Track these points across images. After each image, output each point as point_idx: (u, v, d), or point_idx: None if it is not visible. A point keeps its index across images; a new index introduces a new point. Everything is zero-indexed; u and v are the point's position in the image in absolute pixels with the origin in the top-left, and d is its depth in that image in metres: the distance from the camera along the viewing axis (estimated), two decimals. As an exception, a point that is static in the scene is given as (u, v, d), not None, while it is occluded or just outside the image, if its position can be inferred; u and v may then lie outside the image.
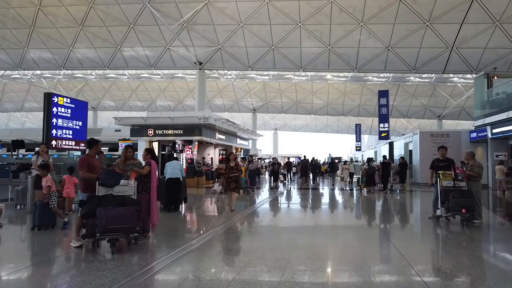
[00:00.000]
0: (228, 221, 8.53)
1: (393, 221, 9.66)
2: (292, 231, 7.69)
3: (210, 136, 20.13)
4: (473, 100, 36.56)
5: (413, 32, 20.64)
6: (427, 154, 19.83)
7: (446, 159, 8.88)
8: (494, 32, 19.86)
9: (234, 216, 9.25)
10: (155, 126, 19.08)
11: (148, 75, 36.48)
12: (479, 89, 20.17)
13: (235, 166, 10.31)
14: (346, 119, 53.06)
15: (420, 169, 20.73)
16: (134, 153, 6.58)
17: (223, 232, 7.29)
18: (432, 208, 8.85)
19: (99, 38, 23.95)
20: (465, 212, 7.62)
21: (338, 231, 7.95)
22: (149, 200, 6.44)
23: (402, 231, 8.27)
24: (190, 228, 8.45)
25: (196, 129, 18.73)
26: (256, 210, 11.05)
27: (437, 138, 20.62)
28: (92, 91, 42.95)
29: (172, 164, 10.51)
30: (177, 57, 24.73)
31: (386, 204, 13.15)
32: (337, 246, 6.27)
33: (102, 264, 4.89)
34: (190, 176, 18.42)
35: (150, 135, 18.89)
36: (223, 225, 8.01)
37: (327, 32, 21.54)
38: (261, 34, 22.26)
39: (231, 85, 37.87)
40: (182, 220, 9.48)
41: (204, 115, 17.84)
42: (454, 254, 5.59)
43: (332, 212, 11.11)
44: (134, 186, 6.08)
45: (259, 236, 7.20)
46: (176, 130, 18.84)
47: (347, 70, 24.52)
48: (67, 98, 11.41)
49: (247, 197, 14.37)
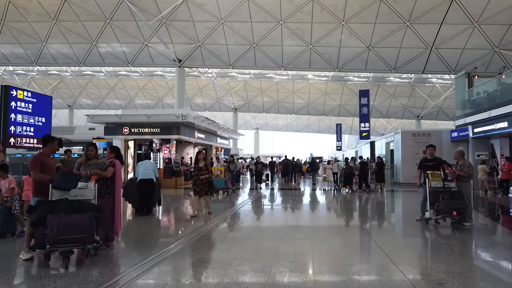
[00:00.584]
0: (204, 226, 7.94)
1: (381, 225, 9.25)
2: (274, 237, 7.03)
3: (189, 135, 19.61)
4: (451, 101, 37.45)
5: (394, 32, 20.69)
6: (409, 153, 20.17)
7: (434, 158, 8.48)
8: (473, 33, 20.09)
9: (211, 220, 8.61)
10: (131, 124, 18.49)
11: (126, 72, 35.63)
12: (459, 89, 20.23)
13: (205, 167, 9.15)
14: (327, 119, 53.32)
15: (402, 169, 20.73)
16: (97, 151, 6.01)
17: (198, 240, 6.64)
18: (420, 210, 8.48)
19: (73, 33, 23.05)
20: (456, 214, 7.30)
21: (322, 236, 7.33)
22: (113, 205, 5.78)
23: (391, 236, 7.77)
24: (161, 235, 7.55)
25: (174, 128, 18.22)
26: (236, 213, 10.44)
27: (418, 137, 20.65)
28: (67, 88, 41.69)
29: (145, 164, 9.71)
30: (156, 54, 24.08)
31: (371, 205, 12.86)
32: (322, 255, 5.70)
33: (52, 281, 4.21)
34: (168, 177, 17.95)
35: (125, 133, 18.27)
36: (198, 230, 7.40)
37: (308, 30, 21.36)
38: (242, 32, 21.89)
39: (211, 84, 37.38)
40: (153, 226, 8.55)
41: (182, 113, 17.32)
42: (446, 261, 5.19)
43: (316, 215, 10.62)
44: (94, 189, 5.38)
45: (237, 243, 6.41)
46: (153, 128, 18.29)
47: (328, 69, 24.42)
48: (28, 91, 10.56)
49: (227, 199, 13.90)
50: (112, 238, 5.76)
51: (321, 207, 12.48)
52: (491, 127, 15.85)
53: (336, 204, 13.02)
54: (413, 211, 10.74)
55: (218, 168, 15.10)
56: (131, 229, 7.92)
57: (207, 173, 9.11)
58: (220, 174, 14.65)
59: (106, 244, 5.62)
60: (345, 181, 16.55)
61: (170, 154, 18.92)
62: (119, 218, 5.92)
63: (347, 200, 13.87)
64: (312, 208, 12.11)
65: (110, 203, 5.74)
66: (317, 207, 12.45)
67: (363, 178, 16.88)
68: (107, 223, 5.56)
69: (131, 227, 8.12)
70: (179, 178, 18.76)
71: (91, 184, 5.40)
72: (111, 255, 5.51)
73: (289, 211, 11.42)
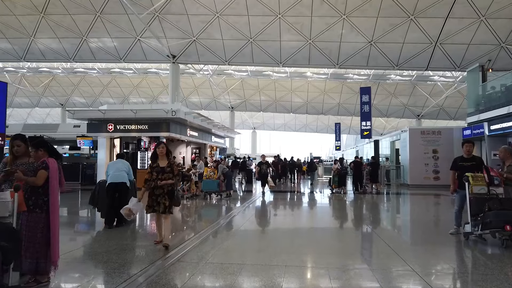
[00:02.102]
0: (186, 246, 6.15)
1: (407, 238, 7.79)
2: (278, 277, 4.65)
3: (180, 133, 18.37)
4: (452, 99, 36.78)
5: (397, 26, 19.82)
6: (417, 152, 19.10)
7: (473, 157, 7.03)
8: (479, 27, 19.24)
9: (197, 234, 7.06)
10: (116, 120, 17.16)
11: (119, 69, 34.60)
12: (472, 83, 19.02)
13: (168, 167, 6.15)
14: (325, 119, 52.51)
15: (410, 169, 19.51)
16: (28, 146, 4.39)
17: (172, 270, 4.90)
18: (454, 220, 7.04)
19: (62, 27, 22.05)
20: (510, 229, 5.74)
21: (336, 261, 5.42)
22: (48, 223, 4.16)
23: (423, 254, 5.98)
24: (126, 261, 5.33)
25: (163, 124, 16.94)
26: (228, 226, 8.54)
27: (428, 135, 19.47)
28: (60, 86, 40.63)
29: (117, 164, 8.08)
30: (149, 49, 23.12)
31: (385, 213, 11.78)
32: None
33: None
34: None
35: (110, 130, 16.97)
36: (176, 255, 5.54)
37: (308, 24, 20.46)
38: (238, 26, 20.97)
39: (207, 82, 36.43)
40: (120, 244, 6.33)
41: (172, 108, 16.10)
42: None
43: (327, 228, 8.72)
44: (11, 202, 3.78)
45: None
46: (140, 125, 17.00)
47: (328, 65, 23.56)
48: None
49: (221, 202, 12.70)
50: (47, 270, 4.17)
51: (326, 216, 10.90)
52: (511, 123, 14.52)
53: (343, 212, 11.66)
54: (438, 221, 9.75)
55: (211, 169, 13.73)
56: (92, 247, 6.34)
57: (172, 177, 6.09)
58: (212, 175, 13.25)
59: (35, 279, 4.12)
60: (339, 182, 16.01)
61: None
62: (57, 242, 4.18)
63: (354, 206, 12.63)
64: (319, 218, 10.81)
65: (42, 220, 4.13)
66: (323, 216, 10.82)
67: (358, 178, 16.32)
68: (37, 249, 4.06)
69: (92, 245, 6.61)
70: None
71: (5, 194, 3.83)
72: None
73: (298, 228, 8.85)
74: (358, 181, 16.41)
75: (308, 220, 9.98)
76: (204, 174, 13.51)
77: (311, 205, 12.94)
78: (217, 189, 13.13)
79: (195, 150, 23.24)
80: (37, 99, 42.32)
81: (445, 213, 11.00)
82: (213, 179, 13.20)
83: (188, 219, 9.82)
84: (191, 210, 11.31)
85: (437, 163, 18.87)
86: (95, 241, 6.96)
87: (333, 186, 16.28)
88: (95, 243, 6.80)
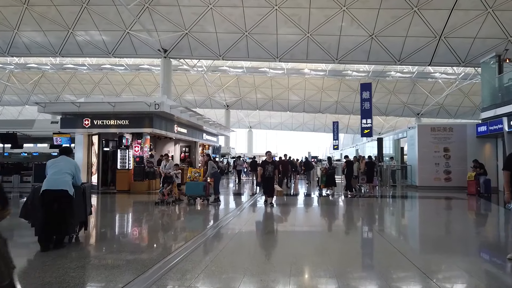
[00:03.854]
0: (164, 266, 4.69)
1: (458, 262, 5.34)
2: None
3: (166, 129, 16.68)
4: (452, 98, 35.92)
5: (400, 18, 18.83)
6: (426, 151, 17.62)
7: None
8: (486, 20, 18.31)
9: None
10: (93, 114, 15.41)
11: (110, 65, 33.42)
12: (488, 75, 17.53)
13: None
14: (322, 117, 51.63)
15: (419, 169, 17.85)
16: None
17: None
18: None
19: (47, 19, 20.88)
20: None
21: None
22: None
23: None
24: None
25: (146, 119, 15.24)
26: (216, 238, 6.78)
27: (438, 132, 17.84)
28: (50, 83, 39.41)
29: (58, 164, 5.90)
30: (139, 43, 21.98)
31: (391, 222, 9.81)
32: None
33: None
34: (139, 179, 15.28)
35: (86, 126, 15.28)
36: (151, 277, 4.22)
37: (306, 17, 19.42)
38: (232, 18, 19.90)
39: (202, 79, 35.35)
40: (62, 274, 4.36)
41: (156, 101, 14.48)
42: None
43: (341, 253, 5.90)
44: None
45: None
46: (120, 120, 15.24)
47: (327, 60, 22.51)
48: None
49: (207, 209, 10.66)
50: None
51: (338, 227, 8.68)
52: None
53: (363, 222, 9.22)
54: (479, 236, 7.74)
55: (196, 170, 11.95)
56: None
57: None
58: (198, 177, 11.45)
59: None
60: (327, 182, 15.18)
61: (143, 151, 15.65)
62: None
63: (346, 218, 10.02)
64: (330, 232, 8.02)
65: None
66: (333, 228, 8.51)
67: (347, 178, 15.26)
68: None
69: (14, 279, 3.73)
70: (153, 181, 15.93)
71: None
72: None
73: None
74: (350, 182, 15.23)
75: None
76: (188, 175, 11.70)
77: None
78: (202, 193, 11.26)
79: (185, 148, 21.81)
80: (26, 97, 41.00)
81: (480, 226, 9.25)
82: (198, 181, 11.46)
83: (167, 230, 8.07)
84: (172, 218, 9.58)
85: (448, 163, 17.35)
86: (24, 273, 4.49)
87: (321, 186, 15.74)
88: (24, 275, 4.41)
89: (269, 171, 11.24)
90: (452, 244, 6.55)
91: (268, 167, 11.27)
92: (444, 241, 6.83)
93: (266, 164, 11.33)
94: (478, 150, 17.15)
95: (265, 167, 11.29)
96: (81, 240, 6.27)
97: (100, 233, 7.60)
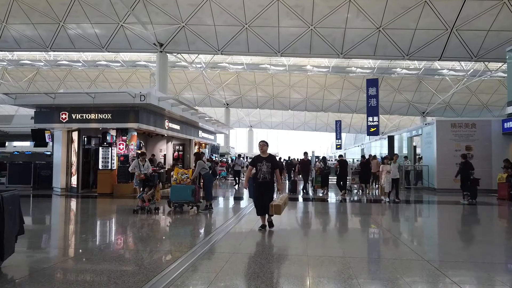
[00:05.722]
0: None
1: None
2: None
3: (155, 124, 14.87)
4: (459, 95, 34.78)
5: (409, 9, 17.74)
6: (446, 149, 16.16)
7: None
8: (501, 10, 17.22)
9: None
10: (71, 107, 13.60)
11: (106, 62, 32.30)
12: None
13: None
14: (324, 117, 50.62)
15: (438, 170, 16.24)
16: None
17: None
18: None
19: (37, 11, 19.83)
20: None
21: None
22: None
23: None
24: None
25: (131, 113, 13.42)
26: (208, 262, 5.18)
27: (460, 129, 16.37)
28: (45, 81, 38.34)
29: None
30: (133, 36, 20.91)
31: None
32: None
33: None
34: (123, 181, 13.57)
35: (64, 120, 13.47)
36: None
37: (310, 8, 18.33)
38: (232, 10, 18.82)
39: (201, 77, 34.32)
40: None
41: (141, 92, 12.71)
42: None
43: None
44: None
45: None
46: (102, 113, 13.48)
47: (331, 55, 21.38)
48: None
49: (197, 218, 8.80)
50: None
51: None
52: None
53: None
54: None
55: (184, 171, 9.94)
56: None
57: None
58: (186, 179, 9.62)
59: None
60: (322, 182, 14.98)
61: (128, 149, 13.83)
62: None
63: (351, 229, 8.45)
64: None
65: None
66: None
67: (343, 178, 14.49)
68: None
69: None
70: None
71: None
72: None
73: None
74: (343, 181, 14.52)
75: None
76: (174, 177, 9.81)
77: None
78: (191, 198, 9.45)
79: (178, 146, 20.36)
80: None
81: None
82: (185, 184, 9.62)
83: (143, 248, 5.99)
84: (153, 231, 7.65)
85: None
86: None
87: (315, 187, 15.46)
88: None
89: (264, 172, 7.18)
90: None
91: (262, 166, 7.20)
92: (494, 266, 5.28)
93: (259, 162, 7.26)
94: (504, 148, 15.78)
95: (258, 165, 7.24)
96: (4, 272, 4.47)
97: (36, 260, 5.31)
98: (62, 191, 14.44)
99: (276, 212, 7.04)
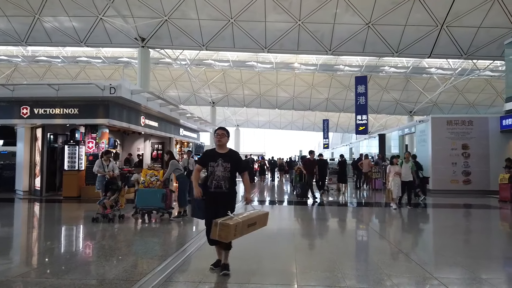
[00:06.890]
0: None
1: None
2: None
3: (129, 121, 13.64)
4: (446, 95, 34.68)
5: (399, 5, 17.26)
6: (442, 148, 15.49)
7: None
8: (492, 7, 16.87)
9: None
10: (33, 101, 12.45)
11: (86, 58, 31.17)
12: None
13: None
14: (311, 116, 50.22)
15: (433, 170, 15.49)
16: None
17: None
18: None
19: (11, 3, 18.73)
20: None
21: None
22: None
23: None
24: None
25: (100, 108, 12.25)
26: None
27: (456, 126, 15.68)
28: (23, 77, 36.91)
29: None
30: (114, 30, 19.97)
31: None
32: None
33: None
34: (92, 183, 11.43)
35: (25, 116, 12.29)
36: None
37: (297, 2, 17.70)
38: (217, 3, 18.06)
39: (186, 74, 33.40)
40: None
41: (111, 84, 11.58)
42: None
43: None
44: None
45: None
46: (68, 108, 12.26)
47: (319, 51, 20.81)
48: None
49: (168, 227, 7.70)
50: None
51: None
52: None
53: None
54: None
55: (153, 172, 8.56)
56: None
57: None
58: (155, 182, 8.37)
59: None
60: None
61: (98, 148, 12.60)
62: None
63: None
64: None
65: None
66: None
67: (322, 178, 14.01)
68: None
69: None
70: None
71: None
72: None
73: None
74: (321, 180, 14.10)
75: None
76: (142, 180, 8.43)
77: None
78: (161, 204, 8.30)
79: (157, 145, 19.12)
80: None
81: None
82: (154, 188, 8.43)
83: (97, 270, 4.88)
84: (112, 246, 6.28)
85: (467, 162, 15.20)
86: None
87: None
88: None
89: (218, 177, 4.59)
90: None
91: (216, 168, 4.60)
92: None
93: (211, 160, 4.65)
94: (502, 146, 15.26)
95: (210, 165, 4.64)
96: None
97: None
98: (24, 194, 13.24)
99: (221, 237, 4.19)
